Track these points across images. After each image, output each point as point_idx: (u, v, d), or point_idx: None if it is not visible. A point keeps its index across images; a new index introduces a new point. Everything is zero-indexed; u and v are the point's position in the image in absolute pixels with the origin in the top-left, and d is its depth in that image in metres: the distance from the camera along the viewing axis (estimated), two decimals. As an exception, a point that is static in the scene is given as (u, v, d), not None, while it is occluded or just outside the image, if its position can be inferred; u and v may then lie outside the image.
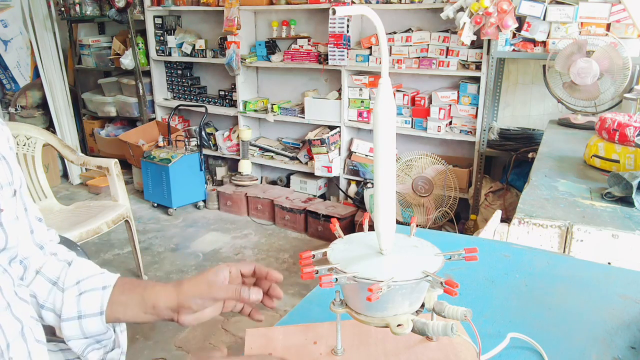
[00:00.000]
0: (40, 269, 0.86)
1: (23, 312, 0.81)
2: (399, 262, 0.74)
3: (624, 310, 0.92)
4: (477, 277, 1.03)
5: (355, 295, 0.72)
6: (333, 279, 0.68)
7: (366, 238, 0.80)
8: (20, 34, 4.84)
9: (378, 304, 0.69)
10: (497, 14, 2.85)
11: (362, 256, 0.75)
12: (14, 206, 0.77)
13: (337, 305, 0.75)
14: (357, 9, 0.72)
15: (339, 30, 3.52)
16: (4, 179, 0.75)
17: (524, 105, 3.36)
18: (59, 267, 0.86)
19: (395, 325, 0.70)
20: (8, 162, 0.77)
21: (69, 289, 0.83)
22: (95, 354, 0.83)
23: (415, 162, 3.35)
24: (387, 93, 0.71)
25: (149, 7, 4.41)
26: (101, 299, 0.81)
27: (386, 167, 0.73)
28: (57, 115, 4.79)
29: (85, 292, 0.82)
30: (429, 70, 3.37)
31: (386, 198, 0.74)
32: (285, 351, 0.81)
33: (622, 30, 2.68)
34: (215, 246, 3.46)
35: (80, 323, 0.81)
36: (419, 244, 0.79)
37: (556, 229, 1.38)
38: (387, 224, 0.74)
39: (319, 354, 0.79)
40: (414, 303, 0.73)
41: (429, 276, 0.68)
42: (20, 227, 0.80)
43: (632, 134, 1.74)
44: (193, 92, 4.58)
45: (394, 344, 0.81)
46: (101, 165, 2.89)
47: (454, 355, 0.78)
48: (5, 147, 0.78)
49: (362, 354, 0.79)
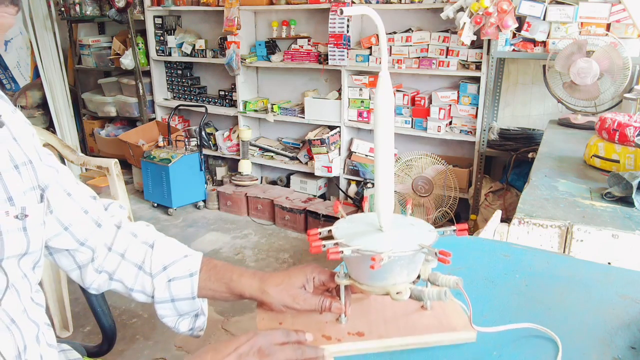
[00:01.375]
0: (124, 253, 0.90)
1: (38, 316, 0.82)
2: (397, 237, 0.82)
3: (624, 311, 0.92)
4: (476, 277, 1.03)
5: (358, 266, 0.80)
6: (339, 250, 0.76)
7: (367, 218, 0.88)
8: (20, 34, 4.84)
9: (379, 274, 0.78)
10: (497, 14, 2.85)
11: (363, 232, 0.83)
12: (41, 211, 0.78)
13: (341, 277, 0.83)
14: (362, 9, 0.78)
15: (339, 31, 3.52)
16: (28, 184, 0.77)
17: (524, 105, 3.36)
18: (142, 250, 0.91)
19: (395, 292, 0.78)
20: (34, 165, 0.78)
21: (158, 275, 0.88)
22: (185, 324, 0.92)
23: (415, 162, 3.35)
24: (386, 85, 0.78)
25: (149, 7, 4.41)
26: (191, 286, 0.88)
27: (385, 153, 0.81)
28: (57, 115, 4.79)
29: (174, 279, 0.88)
30: (429, 70, 3.37)
31: (385, 179, 0.82)
32: (293, 320, 0.87)
33: (622, 30, 2.68)
34: (215, 246, 3.46)
35: (174, 305, 0.89)
36: (415, 222, 0.87)
37: (556, 229, 1.38)
38: (386, 203, 0.82)
39: (325, 322, 0.86)
40: (411, 273, 0.81)
41: (424, 248, 0.76)
42: (69, 211, 0.85)
43: (632, 134, 1.74)
44: (193, 92, 4.58)
45: (392, 312, 0.89)
46: (101, 166, 2.88)
47: (447, 322, 0.85)
48: (31, 150, 0.79)
49: (363, 321, 0.86)
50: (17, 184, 0.74)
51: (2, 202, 0.72)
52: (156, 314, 0.90)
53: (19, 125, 0.78)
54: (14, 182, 0.74)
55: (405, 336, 0.83)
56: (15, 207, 0.73)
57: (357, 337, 0.83)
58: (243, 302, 2.83)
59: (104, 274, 0.90)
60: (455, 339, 0.83)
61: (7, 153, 0.74)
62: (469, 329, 0.82)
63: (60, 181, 0.85)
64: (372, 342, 0.82)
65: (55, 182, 0.83)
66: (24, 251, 0.75)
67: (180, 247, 0.93)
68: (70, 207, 0.85)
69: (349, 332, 0.84)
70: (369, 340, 0.82)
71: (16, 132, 0.77)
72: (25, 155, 0.77)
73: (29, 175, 0.77)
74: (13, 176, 0.74)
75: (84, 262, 0.89)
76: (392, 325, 0.85)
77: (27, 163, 0.77)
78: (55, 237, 0.85)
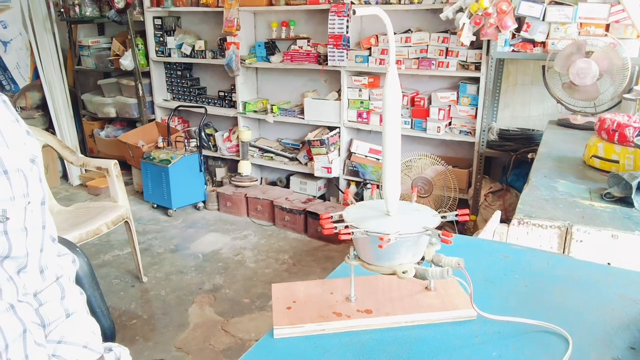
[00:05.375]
0: (43, 304, 0.86)
1: (27, 314, 0.82)
2: (403, 221, 0.89)
3: (624, 311, 0.92)
4: (476, 278, 1.03)
5: (367, 248, 0.86)
6: (350, 232, 0.83)
7: (374, 204, 0.95)
8: (19, 35, 4.84)
9: (386, 254, 0.84)
10: (496, 14, 2.85)
11: (372, 217, 0.90)
12: (22, 217, 0.78)
13: (351, 259, 0.89)
14: (373, 10, 0.86)
15: (339, 31, 3.52)
16: (18, 191, 0.77)
17: (523, 105, 3.36)
18: (57, 313, 0.88)
19: (401, 272, 0.84)
20: (25, 176, 0.78)
21: (49, 344, 0.85)
22: None
23: (414, 163, 3.35)
24: (394, 79, 0.86)
25: (148, 8, 4.41)
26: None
27: (392, 142, 0.88)
28: (57, 116, 4.79)
29: (57, 357, 0.85)
30: (428, 70, 3.37)
31: (392, 168, 0.89)
32: (306, 299, 0.94)
33: (621, 31, 2.68)
34: (215, 247, 3.46)
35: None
36: (420, 208, 0.94)
37: (556, 229, 1.38)
38: (393, 189, 0.90)
39: (336, 301, 0.94)
40: (416, 254, 0.87)
41: (428, 230, 0.83)
42: (31, 241, 0.81)
43: (631, 135, 1.74)
44: (192, 93, 4.58)
45: (398, 292, 0.96)
46: (101, 167, 2.89)
47: (449, 301, 0.92)
48: (26, 162, 0.79)
49: (371, 300, 0.94)
50: (4, 189, 0.74)
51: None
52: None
53: (16, 135, 0.78)
54: (1, 187, 0.74)
55: (411, 313, 0.90)
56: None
57: (366, 314, 0.90)
58: (243, 303, 2.82)
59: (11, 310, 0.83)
60: (457, 316, 0.90)
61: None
62: (469, 308, 0.88)
63: (45, 210, 0.85)
64: (379, 319, 0.89)
65: (40, 208, 0.83)
66: (5, 254, 0.76)
67: (87, 334, 0.90)
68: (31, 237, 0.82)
69: (358, 310, 0.91)
70: (376, 317, 0.89)
71: (10, 141, 0.77)
72: (18, 164, 0.77)
73: (19, 183, 0.77)
74: (1, 181, 0.74)
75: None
76: (398, 304, 0.92)
77: (19, 171, 0.77)
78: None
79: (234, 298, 2.85)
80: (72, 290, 0.92)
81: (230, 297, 2.85)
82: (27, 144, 0.81)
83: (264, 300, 2.81)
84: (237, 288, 2.94)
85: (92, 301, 1.18)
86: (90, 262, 1.18)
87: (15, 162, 0.77)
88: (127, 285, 2.99)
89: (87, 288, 1.12)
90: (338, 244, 3.45)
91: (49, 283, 0.88)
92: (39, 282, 0.86)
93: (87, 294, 1.11)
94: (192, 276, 3.06)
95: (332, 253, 3.41)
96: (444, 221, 0.89)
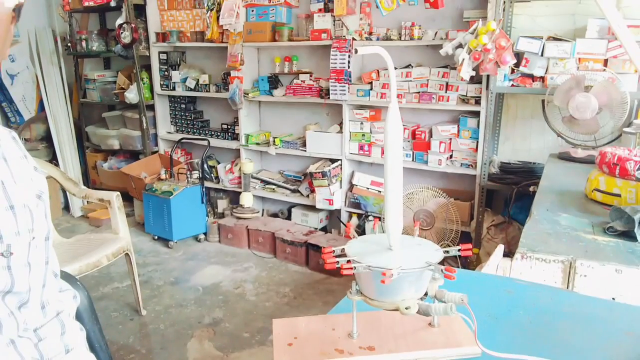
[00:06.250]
0: (42, 340, 0.85)
1: (27, 350, 0.81)
2: (405, 255, 0.88)
3: (629, 348, 0.91)
4: (480, 314, 1.02)
5: (370, 282, 0.86)
6: (352, 267, 0.82)
7: (377, 238, 0.96)
8: (26, 68, 4.94)
9: (389, 289, 0.83)
10: (495, 50, 2.90)
11: (374, 251, 0.90)
12: (26, 253, 0.78)
13: (354, 294, 0.89)
14: (374, 50, 0.88)
15: (340, 66, 3.57)
16: (23, 226, 0.77)
17: (524, 138, 3.38)
18: (57, 349, 0.86)
19: (404, 307, 0.83)
20: (31, 212, 0.79)
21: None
22: None
23: (416, 195, 3.35)
24: (396, 113, 0.87)
25: (154, 43, 4.50)
26: None
27: (394, 176, 0.89)
28: (61, 148, 4.83)
29: None
30: (429, 104, 3.41)
31: (394, 202, 0.90)
32: (307, 335, 0.93)
33: (619, 66, 2.72)
34: (215, 280, 3.42)
35: None
36: (422, 243, 0.94)
37: (559, 263, 1.37)
38: (395, 223, 0.90)
39: (338, 337, 0.92)
40: (419, 290, 0.86)
41: (431, 265, 0.82)
42: (34, 276, 0.81)
43: (632, 168, 1.75)
44: (196, 125, 4.62)
45: (401, 328, 0.94)
46: (103, 198, 2.89)
47: (453, 338, 0.91)
48: (32, 198, 0.80)
49: (373, 336, 0.92)
50: (9, 224, 0.75)
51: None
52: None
53: (23, 171, 0.80)
54: (6, 222, 0.74)
55: (414, 351, 0.88)
56: (3, 243, 0.74)
57: (368, 351, 0.88)
58: (243, 337, 2.77)
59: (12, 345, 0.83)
60: (461, 354, 0.88)
61: (5, 192, 0.75)
62: (474, 345, 0.86)
63: (49, 246, 0.85)
64: (382, 357, 0.87)
65: (44, 244, 0.83)
66: (8, 289, 0.75)
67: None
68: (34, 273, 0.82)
69: (361, 347, 0.89)
70: (379, 354, 0.87)
71: (18, 177, 0.78)
72: (24, 199, 0.78)
73: (25, 218, 0.77)
74: (6, 216, 0.75)
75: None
76: (402, 341, 0.91)
77: (25, 206, 0.77)
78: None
79: (233, 332, 2.80)
80: (73, 326, 0.92)
81: (230, 331, 2.81)
82: (35, 179, 0.82)
83: (265, 334, 2.77)
84: (237, 322, 2.90)
85: (91, 336, 1.17)
86: (90, 296, 1.17)
87: (22, 197, 0.77)
88: (126, 318, 2.96)
89: (86, 322, 1.10)
90: (340, 277, 3.41)
91: (50, 319, 0.87)
92: (40, 318, 0.85)
93: (86, 328, 1.09)
94: (191, 309, 3.02)
95: (333, 286, 3.37)
96: (447, 256, 0.88)
